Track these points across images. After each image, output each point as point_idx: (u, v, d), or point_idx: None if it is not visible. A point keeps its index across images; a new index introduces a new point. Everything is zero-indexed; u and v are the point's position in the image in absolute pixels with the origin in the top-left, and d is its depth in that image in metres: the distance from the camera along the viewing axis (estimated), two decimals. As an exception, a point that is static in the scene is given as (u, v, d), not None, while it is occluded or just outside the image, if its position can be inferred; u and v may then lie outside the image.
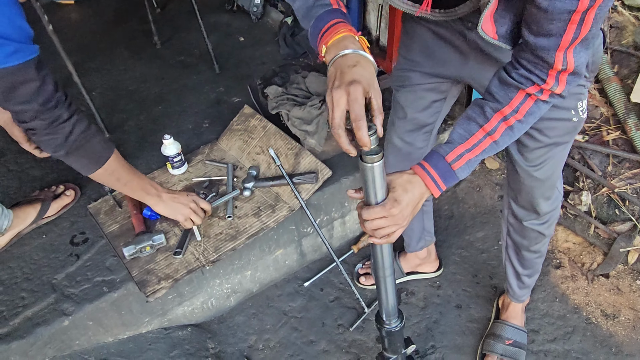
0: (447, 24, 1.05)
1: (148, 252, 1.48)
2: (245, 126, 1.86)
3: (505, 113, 0.88)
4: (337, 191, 1.73)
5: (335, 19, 0.83)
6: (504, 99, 0.87)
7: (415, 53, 1.18)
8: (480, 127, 0.89)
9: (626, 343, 1.60)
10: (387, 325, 1.15)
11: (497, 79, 0.89)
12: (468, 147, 0.90)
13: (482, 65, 1.07)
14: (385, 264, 1.00)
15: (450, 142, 0.90)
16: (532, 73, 0.84)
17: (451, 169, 0.89)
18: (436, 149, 0.91)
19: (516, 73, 0.85)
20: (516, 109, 0.87)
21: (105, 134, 1.96)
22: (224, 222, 1.60)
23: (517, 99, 0.87)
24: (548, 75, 0.83)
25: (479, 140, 0.89)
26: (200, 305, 1.63)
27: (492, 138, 0.89)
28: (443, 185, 0.90)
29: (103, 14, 2.89)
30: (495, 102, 0.88)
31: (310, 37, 0.86)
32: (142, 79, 2.32)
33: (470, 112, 0.91)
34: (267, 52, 2.47)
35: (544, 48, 0.79)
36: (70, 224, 1.62)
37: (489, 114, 0.89)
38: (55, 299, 1.40)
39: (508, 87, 0.87)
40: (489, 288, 1.78)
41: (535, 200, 1.27)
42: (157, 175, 1.76)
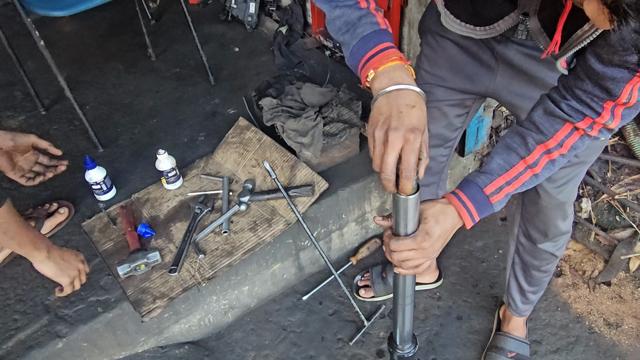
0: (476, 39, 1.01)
1: (143, 270, 1.46)
2: (241, 139, 1.85)
3: (549, 146, 0.83)
4: (334, 203, 1.71)
5: (386, 43, 0.77)
6: (549, 131, 0.83)
7: (441, 68, 1.14)
8: (521, 158, 0.84)
9: (630, 352, 1.58)
10: (400, 350, 1.13)
11: (542, 109, 0.84)
12: (508, 180, 0.84)
13: (510, 81, 1.04)
14: (407, 292, 0.97)
15: (489, 172, 0.85)
16: (586, 105, 0.79)
17: (489, 201, 0.84)
18: (473, 179, 0.85)
19: (566, 104, 0.80)
20: (561, 142, 0.83)
21: (99, 148, 1.94)
22: (220, 238, 1.58)
23: (563, 132, 0.82)
24: (604, 109, 0.77)
25: (520, 172, 0.84)
26: (197, 323, 1.61)
27: (533, 171, 0.84)
28: (477, 218, 0.85)
29: (97, 27, 2.88)
30: (539, 133, 0.83)
31: (351, 57, 0.79)
32: (137, 92, 2.30)
33: (509, 140, 0.86)
34: (262, 62, 2.46)
35: (613, 79, 0.74)
36: (64, 242, 1.59)
37: (532, 146, 0.83)
38: (49, 320, 1.38)
39: (554, 118, 0.82)
40: (489, 298, 1.76)
41: (553, 222, 1.24)
42: (151, 191, 1.74)
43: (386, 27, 0.79)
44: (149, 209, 1.68)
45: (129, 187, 1.77)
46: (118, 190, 1.75)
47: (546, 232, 1.28)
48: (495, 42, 0.99)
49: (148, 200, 1.71)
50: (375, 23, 0.78)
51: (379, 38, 0.77)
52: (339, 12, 0.79)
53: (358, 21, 0.78)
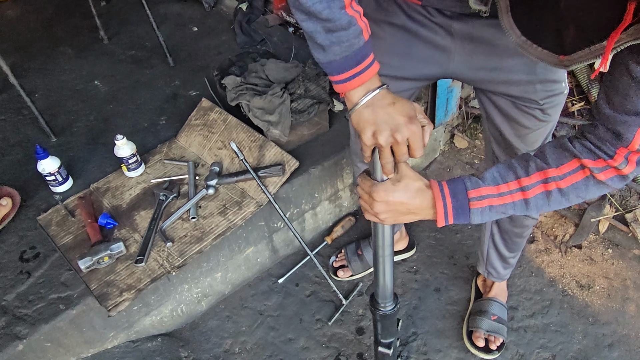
0: (426, 21, 0.97)
1: (107, 263, 1.38)
2: (205, 120, 1.76)
3: (548, 175, 0.79)
4: (306, 182, 1.66)
5: (369, 57, 0.77)
6: (555, 162, 0.79)
7: (391, 56, 1.06)
8: (516, 178, 0.81)
9: (602, 312, 1.62)
10: (383, 308, 1.11)
11: (554, 143, 0.81)
12: (495, 193, 0.81)
13: (470, 56, 1.00)
14: (386, 242, 0.96)
15: (480, 178, 0.82)
16: (599, 148, 0.75)
17: (468, 205, 0.81)
18: (465, 179, 0.83)
19: (580, 143, 0.77)
20: (563, 175, 0.78)
21: (51, 138, 1.81)
22: (188, 224, 1.50)
23: (568, 167, 0.78)
24: (616, 153, 0.74)
25: (510, 191, 0.81)
26: (169, 314, 1.54)
27: (524, 195, 0.80)
28: (451, 219, 0.82)
29: (42, 11, 2.69)
30: (544, 161, 0.80)
31: (330, 65, 0.76)
32: (90, 78, 2.17)
33: (514, 161, 0.83)
34: (223, 41, 2.36)
35: (624, 123, 0.70)
36: (18, 238, 1.48)
37: (531, 170, 0.80)
38: (7, 322, 1.28)
39: (563, 152, 0.79)
40: (465, 268, 1.76)
41: None
42: (111, 179, 1.64)
43: (368, 36, 0.77)
44: (109, 199, 1.58)
45: (86, 177, 1.66)
46: (75, 181, 1.65)
47: None
48: (451, 20, 0.94)
49: (108, 190, 1.61)
50: (361, 33, 0.75)
51: (364, 52, 0.76)
52: (327, 12, 0.71)
53: (348, 28, 0.73)
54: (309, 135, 1.74)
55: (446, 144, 2.19)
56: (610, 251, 1.77)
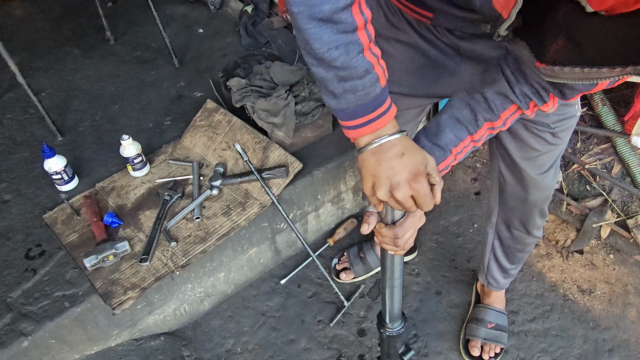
0: (436, 40, 0.98)
1: (111, 262, 1.39)
2: (209, 122, 1.78)
3: (494, 125, 0.86)
4: (309, 184, 1.68)
5: (384, 104, 0.72)
6: (498, 110, 0.84)
7: (400, 74, 1.06)
8: (469, 134, 0.86)
9: (603, 317, 1.62)
10: (390, 329, 1.11)
11: (496, 89, 0.84)
12: (455, 153, 0.87)
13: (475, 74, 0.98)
14: (395, 272, 0.96)
15: (441, 147, 0.85)
16: (536, 93, 0.81)
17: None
18: (428, 153, 0.82)
19: (519, 89, 0.81)
20: (505, 121, 0.86)
21: (57, 137, 1.83)
22: (192, 224, 1.52)
23: (509, 112, 0.85)
24: (550, 98, 0.81)
25: (465, 146, 0.88)
26: (172, 313, 1.55)
27: (475, 144, 0.89)
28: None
29: (49, 11, 2.72)
30: (489, 111, 0.84)
31: (342, 112, 0.71)
32: (96, 78, 2.19)
33: (459, 114, 0.85)
34: (228, 43, 2.38)
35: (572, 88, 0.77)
36: (24, 236, 1.50)
37: (480, 123, 0.85)
38: (12, 318, 1.29)
39: (505, 99, 0.83)
40: (467, 272, 1.77)
41: (540, 210, 1.24)
42: (117, 179, 1.65)
43: (385, 81, 0.72)
44: (115, 198, 1.60)
45: (92, 176, 1.68)
46: (81, 180, 1.66)
47: (534, 221, 1.27)
48: (461, 40, 0.94)
49: (114, 189, 1.62)
50: (377, 80, 0.70)
51: (381, 100, 0.71)
52: (341, 59, 0.65)
53: (364, 76, 0.67)
54: (313, 138, 1.75)
55: (449, 147, 2.20)
56: (611, 257, 1.78)
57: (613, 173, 1.74)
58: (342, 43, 0.63)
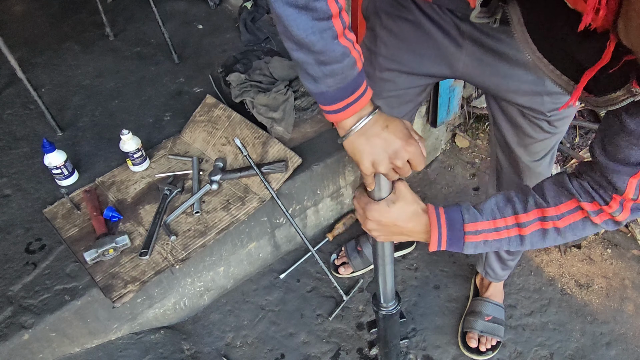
0: (439, 19, 0.98)
1: (112, 255, 1.40)
2: (209, 117, 1.78)
3: (546, 214, 0.78)
4: (309, 179, 1.68)
5: (361, 87, 0.73)
6: (553, 200, 0.78)
7: (402, 52, 1.07)
8: (514, 213, 0.80)
9: (600, 311, 1.63)
10: (385, 308, 1.13)
11: (553, 179, 0.80)
12: (492, 227, 0.80)
13: (479, 59, 1.00)
14: (386, 252, 0.98)
15: (479, 211, 0.81)
16: (596, 193, 0.75)
17: (463, 239, 0.81)
18: (461, 209, 0.82)
19: (578, 183, 0.76)
20: (561, 215, 0.78)
21: (57, 132, 1.84)
22: (192, 218, 1.52)
23: (566, 206, 0.77)
24: (612, 199, 0.73)
25: (507, 226, 0.80)
26: (172, 307, 1.56)
27: (520, 231, 0.80)
28: (444, 247, 0.82)
29: (49, 7, 2.72)
30: (542, 198, 0.79)
31: (322, 95, 0.72)
32: (96, 73, 2.19)
33: (512, 194, 0.82)
34: (228, 39, 2.38)
35: (616, 172, 0.69)
36: (24, 230, 1.51)
37: (530, 207, 0.79)
38: (13, 311, 1.30)
39: (562, 190, 0.78)
40: (465, 266, 1.77)
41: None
42: (117, 174, 1.66)
43: (362, 64, 0.73)
44: (114, 193, 1.60)
45: (92, 171, 1.68)
46: (81, 175, 1.67)
47: None
48: (462, 21, 0.95)
49: (114, 184, 1.63)
50: (354, 63, 0.71)
51: (358, 82, 0.73)
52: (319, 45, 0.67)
53: (342, 60, 0.69)
54: (312, 133, 1.76)
55: (447, 143, 2.21)
56: (609, 251, 1.79)
57: (611, 168, 1.75)
58: (317, 29, 0.65)
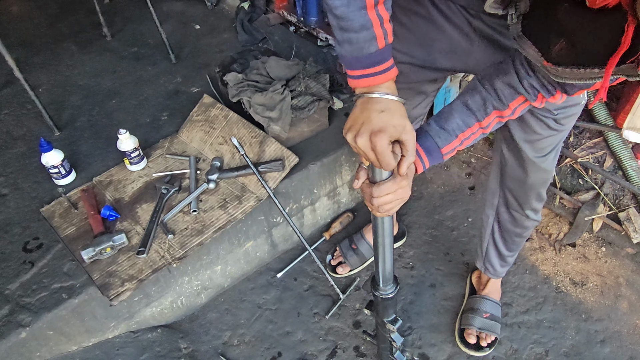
0: (451, 14, 1.00)
1: (109, 254, 1.40)
2: (206, 116, 1.79)
3: (503, 114, 0.91)
4: (305, 178, 1.69)
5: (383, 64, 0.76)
6: (507, 100, 0.89)
7: (414, 46, 1.10)
8: (477, 121, 0.91)
9: (595, 308, 1.64)
10: (383, 291, 1.14)
11: (506, 81, 0.88)
12: (462, 139, 0.92)
13: (489, 57, 1.02)
14: (386, 232, 1.01)
15: (448, 131, 0.91)
16: (543, 87, 0.84)
17: (442, 157, 0.94)
18: (434, 136, 0.92)
19: (527, 82, 0.85)
20: (513, 111, 0.91)
21: (55, 132, 1.84)
22: (189, 217, 1.53)
23: (517, 102, 0.89)
24: (557, 92, 0.84)
25: (473, 132, 0.93)
26: (169, 305, 1.57)
27: (484, 131, 0.93)
28: (428, 165, 0.94)
29: (46, 7, 2.72)
30: (498, 100, 0.89)
31: (344, 59, 0.77)
32: (93, 74, 2.20)
33: (470, 101, 0.91)
34: (225, 39, 2.39)
35: (572, 86, 0.81)
36: (22, 229, 1.51)
37: (489, 111, 0.90)
38: (10, 310, 1.31)
39: (514, 91, 0.88)
40: (461, 265, 1.79)
41: (537, 193, 1.26)
42: (114, 173, 1.67)
43: (385, 44, 0.75)
44: (112, 192, 1.61)
45: (89, 170, 1.69)
46: (78, 174, 1.67)
47: (530, 203, 1.29)
48: (473, 18, 0.97)
49: (111, 183, 1.64)
50: (373, 39, 0.73)
51: (377, 59, 0.75)
52: (338, 2, 0.71)
53: (359, 31, 0.73)
54: (309, 132, 1.77)
55: (444, 143, 2.22)
56: (603, 249, 1.80)
57: (605, 167, 1.76)
58: None
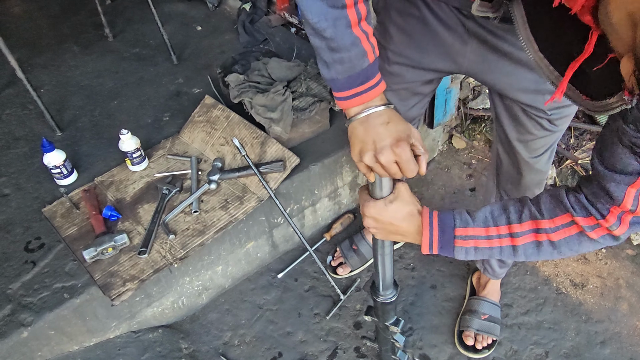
0: (445, 14, 1.00)
1: (110, 254, 1.41)
2: (208, 117, 1.80)
3: (540, 225, 0.77)
4: (306, 179, 1.70)
5: (373, 79, 0.75)
6: (548, 212, 0.77)
7: (410, 47, 1.10)
8: (508, 223, 0.79)
9: (595, 310, 1.65)
10: (383, 296, 1.15)
11: (550, 192, 0.79)
12: (483, 235, 0.80)
13: (483, 57, 1.02)
14: (385, 243, 1.01)
15: (472, 217, 0.81)
16: (592, 206, 0.72)
17: (453, 243, 0.81)
18: (456, 213, 0.82)
19: (574, 197, 0.75)
20: (555, 228, 0.76)
21: (56, 132, 1.85)
22: (190, 217, 1.53)
23: (561, 220, 0.76)
24: (609, 212, 0.70)
25: (499, 235, 0.80)
26: (170, 305, 1.57)
27: (513, 242, 0.79)
28: (435, 250, 0.83)
29: (48, 8, 2.73)
30: (538, 210, 0.78)
31: (333, 82, 0.76)
32: (95, 74, 2.20)
33: (510, 204, 0.81)
34: (226, 40, 2.39)
35: (614, 181, 0.67)
36: (23, 229, 1.51)
37: (525, 217, 0.78)
38: (12, 309, 1.31)
39: (558, 204, 0.77)
40: (462, 266, 1.79)
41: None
42: (116, 173, 1.67)
43: (374, 58, 0.75)
44: (113, 192, 1.61)
45: (91, 171, 1.69)
46: (80, 174, 1.68)
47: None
48: (467, 19, 0.97)
49: (112, 183, 1.64)
50: (364, 55, 0.73)
51: (368, 74, 0.75)
52: (326, 24, 0.70)
53: (350, 49, 0.72)
54: (310, 133, 1.77)
55: (444, 144, 2.22)
56: (603, 251, 1.81)
57: (605, 169, 1.77)
58: (330, 16, 0.69)
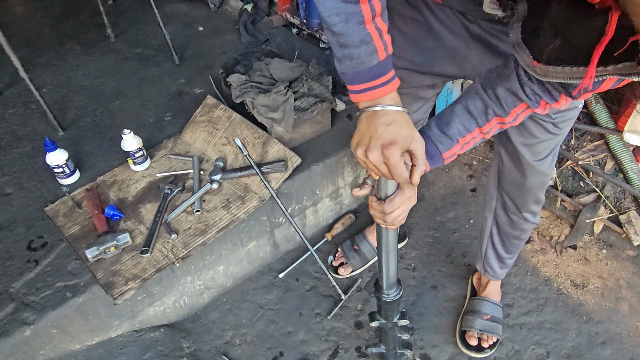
0: (448, 21, 1.01)
1: (113, 253, 1.41)
2: (210, 117, 1.80)
3: (504, 120, 0.90)
4: (308, 179, 1.70)
5: (384, 76, 0.76)
6: (509, 107, 0.87)
7: (413, 52, 1.11)
8: (478, 126, 0.91)
9: (596, 310, 1.65)
10: (386, 295, 1.15)
11: (507, 87, 0.86)
12: (462, 143, 0.92)
13: (485, 61, 1.03)
14: (390, 242, 1.02)
15: (449, 136, 0.90)
16: (546, 91, 0.82)
17: (442, 161, 0.93)
18: (435, 141, 0.91)
19: (529, 88, 0.84)
20: (515, 118, 0.89)
21: (59, 131, 1.85)
22: (192, 217, 1.54)
23: (519, 109, 0.88)
24: (561, 97, 0.82)
25: (473, 137, 0.92)
26: (172, 305, 1.57)
27: (484, 135, 0.93)
28: (428, 169, 0.92)
29: (50, 8, 2.74)
30: (500, 107, 0.88)
31: (345, 75, 0.78)
32: (97, 74, 2.21)
33: (472, 106, 0.90)
34: (228, 41, 2.40)
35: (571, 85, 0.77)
36: (26, 228, 1.52)
37: (490, 117, 0.89)
38: (14, 308, 1.31)
39: (516, 98, 0.86)
40: (462, 266, 1.79)
41: (535, 195, 1.27)
42: (118, 173, 1.68)
43: (386, 55, 0.76)
44: (116, 191, 1.62)
45: (93, 170, 1.70)
46: (82, 174, 1.68)
47: (528, 206, 1.30)
48: (470, 23, 0.97)
49: (115, 183, 1.65)
50: (374, 52, 0.74)
51: (378, 71, 0.76)
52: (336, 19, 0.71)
53: (359, 46, 0.73)
54: (312, 133, 1.78)
55: (445, 145, 2.23)
56: (604, 252, 1.81)
57: (606, 169, 1.77)
58: (343, 11, 0.70)
